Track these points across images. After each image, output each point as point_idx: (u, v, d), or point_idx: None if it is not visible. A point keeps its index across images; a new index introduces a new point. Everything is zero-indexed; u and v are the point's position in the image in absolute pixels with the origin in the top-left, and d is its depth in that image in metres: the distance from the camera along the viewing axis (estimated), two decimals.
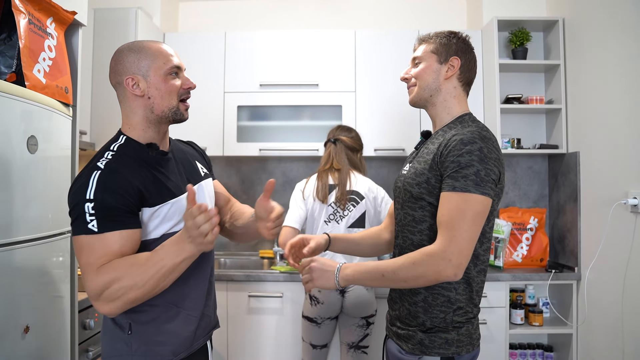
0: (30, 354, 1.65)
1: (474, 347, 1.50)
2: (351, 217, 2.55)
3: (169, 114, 1.39)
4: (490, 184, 1.38)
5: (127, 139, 1.39)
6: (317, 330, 2.50)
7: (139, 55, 1.37)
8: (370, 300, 2.49)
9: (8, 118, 1.55)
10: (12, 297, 1.56)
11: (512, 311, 2.91)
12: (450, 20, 3.58)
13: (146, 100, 1.37)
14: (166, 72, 1.37)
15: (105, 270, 1.21)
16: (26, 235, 1.63)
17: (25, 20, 1.67)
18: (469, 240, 1.36)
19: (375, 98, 3.18)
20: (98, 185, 1.26)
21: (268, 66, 3.23)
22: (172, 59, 1.39)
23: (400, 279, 1.40)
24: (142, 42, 1.40)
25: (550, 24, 3.09)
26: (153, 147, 1.40)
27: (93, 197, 1.25)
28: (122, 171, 1.30)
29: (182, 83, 1.41)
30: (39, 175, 1.71)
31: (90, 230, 1.23)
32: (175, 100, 1.40)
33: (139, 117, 1.39)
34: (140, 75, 1.36)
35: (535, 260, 3.09)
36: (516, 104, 3.08)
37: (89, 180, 1.27)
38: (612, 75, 2.46)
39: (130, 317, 1.37)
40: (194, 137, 3.18)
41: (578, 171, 2.84)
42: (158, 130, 1.43)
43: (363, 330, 2.51)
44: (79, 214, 1.25)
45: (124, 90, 1.38)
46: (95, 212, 1.24)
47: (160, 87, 1.37)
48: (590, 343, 2.69)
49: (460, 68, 1.56)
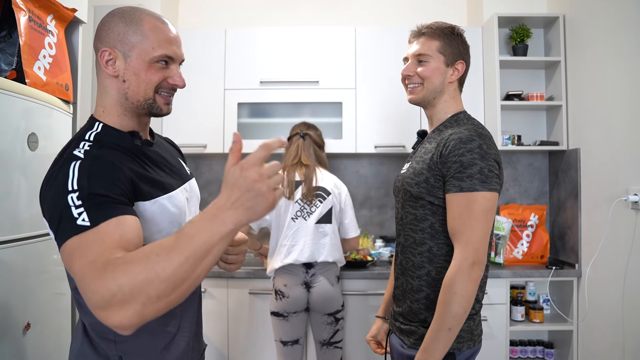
0: (31, 351, 1.65)
1: (475, 343, 1.51)
2: (318, 213, 2.55)
3: (144, 105, 1.16)
4: (495, 179, 1.41)
5: (104, 126, 1.15)
6: (285, 324, 2.49)
7: (128, 27, 1.13)
8: (336, 295, 2.51)
9: (9, 115, 1.55)
10: (13, 294, 1.56)
11: (513, 308, 2.92)
12: (451, 16, 3.57)
13: (120, 83, 1.14)
14: (152, 59, 1.13)
15: (113, 264, 0.87)
16: (27, 233, 1.63)
17: (26, 17, 1.67)
18: (483, 238, 1.39)
19: (375, 95, 3.18)
20: (80, 174, 1.00)
21: (268, 63, 3.22)
22: (167, 45, 1.16)
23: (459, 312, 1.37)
24: (142, 13, 1.16)
25: (551, 21, 3.09)
26: (136, 135, 1.18)
27: (77, 187, 0.98)
28: (108, 157, 1.06)
29: (168, 77, 1.17)
30: (39, 173, 1.71)
31: (81, 228, 0.93)
32: (152, 91, 1.15)
33: (113, 99, 1.16)
34: (120, 52, 1.12)
35: (536, 257, 3.09)
36: (517, 101, 3.08)
37: (67, 171, 1.00)
38: (613, 71, 2.45)
39: (119, 349, 1.11)
40: (194, 134, 3.21)
41: (579, 168, 2.84)
42: (138, 121, 1.20)
43: (333, 327, 2.52)
44: (62, 214, 0.96)
45: (99, 63, 1.16)
46: (82, 203, 0.96)
47: (140, 74, 1.13)
48: (591, 340, 2.69)
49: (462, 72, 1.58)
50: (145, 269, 0.85)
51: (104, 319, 0.85)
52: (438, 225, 1.49)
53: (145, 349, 1.14)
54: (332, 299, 2.49)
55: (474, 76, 3.13)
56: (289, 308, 2.47)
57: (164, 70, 1.16)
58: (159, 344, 1.16)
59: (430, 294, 1.50)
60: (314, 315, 2.53)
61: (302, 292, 2.46)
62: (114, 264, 0.87)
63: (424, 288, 1.51)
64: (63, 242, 0.95)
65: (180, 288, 0.87)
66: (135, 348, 1.13)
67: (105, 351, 1.11)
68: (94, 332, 1.13)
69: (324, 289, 2.46)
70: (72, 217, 0.95)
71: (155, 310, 0.86)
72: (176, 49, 1.19)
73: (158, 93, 1.17)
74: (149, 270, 0.85)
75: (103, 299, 0.84)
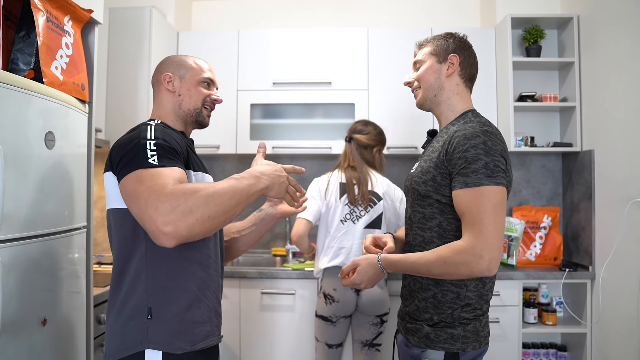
0: (48, 345, 1.67)
1: (480, 345, 1.50)
2: (368, 218, 2.54)
3: (193, 113, 1.55)
4: (501, 174, 1.39)
5: (162, 122, 1.50)
6: (332, 329, 2.50)
7: (182, 62, 1.57)
8: (385, 298, 2.50)
9: (27, 114, 1.58)
10: (30, 290, 1.58)
11: (525, 310, 2.90)
12: (464, 18, 3.57)
13: (176, 97, 1.54)
14: (200, 80, 1.56)
15: (180, 186, 1.16)
16: (43, 230, 1.65)
17: (44, 18, 1.69)
18: (495, 233, 1.35)
19: (387, 96, 3.18)
20: (157, 131, 1.32)
21: (281, 64, 3.24)
22: (208, 73, 1.59)
23: (434, 274, 1.42)
24: (189, 57, 1.60)
25: (565, 21, 3.07)
26: (183, 134, 1.55)
27: (153, 137, 1.29)
28: (173, 133, 1.42)
29: (211, 94, 1.58)
30: (56, 171, 1.73)
31: (150, 164, 1.21)
32: (200, 103, 1.56)
33: (168, 109, 1.55)
34: (177, 76, 1.55)
35: (549, 259, 3.07)
36: (530, 102, 3.07)
37: (146, 128, 1.33)
38: (627, 72, 2.44)
39: (151, 300, 1.33)
40: (207, 135, 3.23)
41: (592, 169, 2.81)
42: (185, 129, 1.57)
43: (377, 328, 2.51)
44: (138, 151, 1.24)
45: (160, 86, 1.56)
46: (156, 149, 1.25)
47: (191, 89, 1.55)
48: (605, 343, 2.67)
49: (460, 64, 1.58)
50: (205, 193, 1.16)
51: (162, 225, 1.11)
52: (446, 224, 1.49)
53: (173, 303, 1.35)
54: (381, 302, 2.48)
55: (487, 77, 3.12)
56: (339, 312, 2.47)
57: (207, 90, 1.58)
58: (184, 301, 1.36)
59: (438, 293, 1.50)
60: (359, 316, 2.52)
61: (352, 296, 2.45)
62: (180, 186, 1.17)
63: (431, 287, 1.51)
64: (131, 171, 1.21)
65: (224, 215, 1.20)
66: (163, 300, 1.34)
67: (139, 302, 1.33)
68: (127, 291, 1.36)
69: (373, 292, 2.46)
70: (146, 156, 1.23)
71: (203, 228, 1.16)
72: (214, 77, 1.62)
73: (204, 107, 1.58)
74: (207, 195, 1.16)
75: (167, 209, 1.11)
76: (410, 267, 1.46)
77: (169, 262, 1.35)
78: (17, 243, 1.51)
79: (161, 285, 1.35)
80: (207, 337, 1.42)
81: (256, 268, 2.91)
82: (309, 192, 2.60)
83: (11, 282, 1.48)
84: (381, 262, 1.51)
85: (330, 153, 3.20)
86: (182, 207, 1.12)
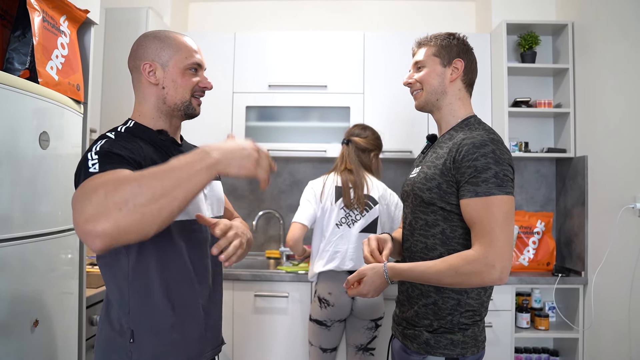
0: (40, 347, 1.66)
1: (479, 349, 1.50)
2: (363, 222, 2.54)
3: (181, 107, 1.37)
4: (510, 183, 1.39)
5: (136, 124, 1.36)
6: (326, 333, 2.49)
7: (162, 44, 1.35)
8: (380, 303, 2.50)
9: (22, 114, 1.57)
10: (22, 290, 1.57)
11: (518, 315, 2.91)
12: (459, 23, 3.59)
13: (160, 90, 1.35)
14: (186, 67, 1.35)
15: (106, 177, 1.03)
16: (36, 230, 1.65)
17: (40, 17, 1.69)
18: (506, 242, 1.35)
19: (383, 100, 3.19)
20: (105, 142, 1.20)
21: (277, 67, 3.24)
22: (195, 55, 1.38)
23: (445, 284, 1.41)
24: (169, 32, 1.38)
25: (560, 28, 3.09)
26: (164, 132, 1.37)
27: (99, 149, 1.16)
28: (132, 138, 1.28)
29: (199, 81, 1.39)
30: (50, 172, 1.73)
31: (89, 174, 1.08)
32: (189, 94, 1.37)
33: (150, 105, 1.37)
34: (158, 64, 1.34)
35: (542, 264, 3.09)
36: (524, 108, 3.08)
37: (96, 141, 1.21)
38: (621, 79, 2.45)
39: (133, 322, 1.26)
40: (202, 136, 3.20)
41: (586, 175, 2.83)
42: (170, 122, 1.40)
43: (372, 333, 2.50)
44: (81, 168, 1.14)
45: (139, 76, 1.36)
46: (98, 157, 1.12)
47: (176, 80, 1.35)
48: (597, 348, 2.68)
49: (463, 70, 1.56)
50: (131, 179, 0.98)
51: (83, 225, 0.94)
52: (449, 231, 1.48)
53: (157, 324, 1.27)
54: (376, 306, 2.48)
55: (482, 82, 3.13)
56: (334, 316, 2.46)
57: (194, 77, 1.38)
58: (169, 320, 1.28)
59: (439, 299, 1.49)
60: (354, 320, 2.51)
61: (348, 300, 2.45)
62: (104, 178, 1.02)
63: (432, 294, 1.50)
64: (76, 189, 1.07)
65: (159, 201, 0.96)
66: (144, 322, 1.26)
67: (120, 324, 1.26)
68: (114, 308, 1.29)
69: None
70: (87, 167, 1.11)
71: (134, 220, 0.94)
72: (201, 58, 1.41)
73: (193, 96, 1.39)
74: (132, 180, 0.97)
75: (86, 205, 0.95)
76: (419, 276, 1.44)
77: (150, 282, 1.27)
78: (10, 243, 1.50)
79: (142, 306, 1.27)
80: (198, 356, 1.36)
81: (250, 270, 2.91)
82: (305, 195, 2.60)
83: (3, 282, 1.47)
84: (387, 271, 1.48)
85: (325, 156, 3.20)
86: (101, 200, 0.94)
